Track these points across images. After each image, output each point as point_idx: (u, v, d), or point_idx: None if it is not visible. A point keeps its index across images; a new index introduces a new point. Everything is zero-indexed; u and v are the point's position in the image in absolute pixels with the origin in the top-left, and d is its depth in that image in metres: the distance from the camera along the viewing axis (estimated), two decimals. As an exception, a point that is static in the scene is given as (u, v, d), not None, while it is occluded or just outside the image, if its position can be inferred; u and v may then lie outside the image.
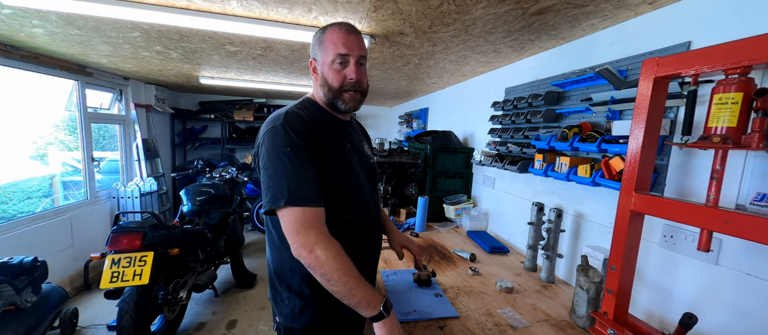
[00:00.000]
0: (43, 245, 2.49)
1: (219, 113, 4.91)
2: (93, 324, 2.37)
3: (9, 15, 1.64)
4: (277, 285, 0.94)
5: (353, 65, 0.88)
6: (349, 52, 0.87)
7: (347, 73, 0.89)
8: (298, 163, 0.79)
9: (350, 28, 0.90)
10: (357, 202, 0.94)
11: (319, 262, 0.74)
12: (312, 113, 0.91)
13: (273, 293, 0.97)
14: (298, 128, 0.82)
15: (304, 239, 0.75)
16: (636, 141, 0.90)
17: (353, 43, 0.88)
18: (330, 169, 0.87)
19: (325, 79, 0.90)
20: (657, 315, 1.13)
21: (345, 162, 0.92)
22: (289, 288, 0.91)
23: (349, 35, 0.88)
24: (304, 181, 0.78)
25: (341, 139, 0.95)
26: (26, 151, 3.43)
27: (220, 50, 2.13)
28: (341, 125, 0.98)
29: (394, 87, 3.26)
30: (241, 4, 1.33)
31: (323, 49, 0.89)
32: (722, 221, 0.70)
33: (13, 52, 2.24)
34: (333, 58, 0.87)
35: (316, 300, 0.90)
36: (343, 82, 0.89)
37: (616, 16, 1.26)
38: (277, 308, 0.95)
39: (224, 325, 2.44)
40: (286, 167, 0.78)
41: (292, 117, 0.84)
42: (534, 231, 1.56)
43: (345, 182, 0.91)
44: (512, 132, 1.87)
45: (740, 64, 0.70)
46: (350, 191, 0.92)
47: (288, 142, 0.80)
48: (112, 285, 1.77)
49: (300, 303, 0.90)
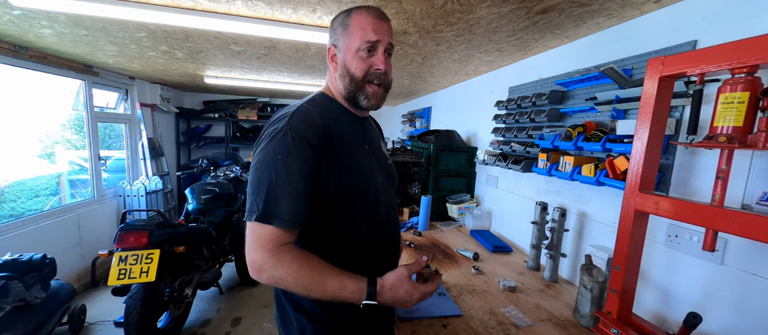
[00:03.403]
0: (51, 243, 2.53)
1: (223, 113, 4.94)
2: (100, 320, 2.40)
3: (18, 16, 1.67)
4: (284, 303, 0.82)
5: (382, 54, 0.79)
6: (379, 38, 0.77)
7: (374, 62, 0.79)
8: (286, 176, 0.69)
9: (380, 13, 0.79)
10: (376, 211, 0.84)
11: (273, 282, 0.69)
12: (327, 111, 0.81)
13: (280, 312, 0.85)
14: (301, 134, 0.72)
15: (254, 259, 0.69)
16: (641, 140, 0.89)
17: (384, 30, 0.78)
18: (347, 176, 0.77)
19: (347, 69, 0.80)
20: (661, 315, 1.13)
21: (364, 167, 0.82)
22: (298, 308, 0.80)
23: (379, 21, 0.78)
24: (284, 197, 0.69)
25: (360, 140, 0.86)
26: (34, 150, 3.47)
27: (224, 50, 2.15)
28: (359, 122, 0.89)
29: (397, 86, 3.26)
30: (246, 4, 1.34)
31: (348, 35, 0.79)
32: (728, 220, 0.70)
33: (22, 53, 2.28)
34: (359, 45, 0.77)
35: (330, 323, 0.79)
36: (368, 72, 0.79)
37: (621, 15, 1.26)
38: (284, 330, 0.84)
39: (229, 322, 2.46)
40: (271, 179, 0.69)
41: (299, 120, 0.74)
42: (537, 231, 1.56)
43: (363, 189, 0.81)
44: (516, 131, 1.87)
45: (747, 64, 0.69)
46: (369, 199, 0.82)
47: (283, 149, 0.70)
48: (120, 282, 1.79)
49: (311, 326, 0.79)
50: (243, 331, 2.38)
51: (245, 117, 4.95)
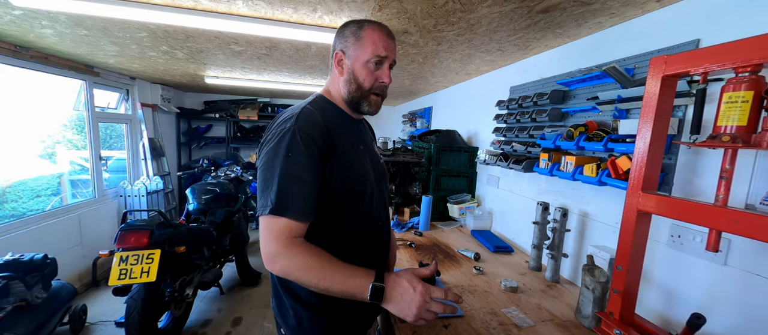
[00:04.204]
0: (52, 243, 2.53)
1: (224, 113, 4.95)
2: (101, 320, 2.40)
3: (19, 16, 1.67)
4: (281, 294, 0.88)
5: (387, 69, 0.88)
6: (388, 54, 0.86)
7: (380, 76, 0.87)
8: (296, 171, 0.75)
9: (390, 32, 0.89)
10: (368, 207, 0.90)
11: (284, 272, 0.73)
12: (328, 113, 0.86)
13: (277, 303, 0.91)
14: (308, 133, 0.77)
15: (269, 249, 0.73)
16: (643, 140, 0.89)
17: (392, 48, 0.87)
18: (344, 174, 0.83)
19: (355, 77, 0.87)
20: (664, 316, 1.12)
21: (359, 166, 0.88)
22: (295, 298, 0.85)
23: (390, 39, 0.87)
24: (296, 192, 0.74)
25: (356, 140, 0.92)
26: (35, 150, 3.48)
27: (225, 50, 2.15)
28: (354, 124, 0.96)
29: (398, 86, 3.26)
30: (247, 4, 1.34)
31: (360, 46, 0.85)
32: (731, 221, 0.70)
33: (23, 53, 2.28)
34: (369, 58, 0.85)
35: (326, 310, 0.85)
36: (374, 84, 0.87)
37: (624, 14, 1.25)
38: (282, 319, 0.89)
39: (229, 322, 2.46)
40: (282, 174, 0.74)
41: (305, 120, 0.78)
42: (539, 231, 1.55)
43: (360, 187, 0.87)
44: (517, 131, 1.86)
45: (751, 63, 0.69)
46: (363, 196, 0.88)
47: (292, 147, 0.75)
48: (121, 282, 1.79)
49: (307, 313, 0.85)
50: (244, 331, 2.38)
51: (246, 117, 4.96)
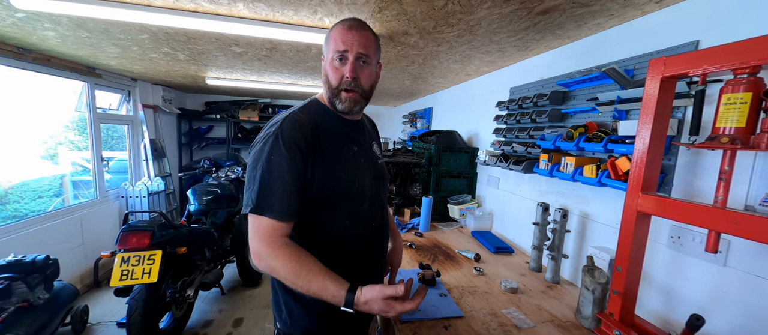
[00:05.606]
0: (54, 244, 2.54)
1: (225, 114, 4.96)
2: (103, 321, 2.41)
3: (22, 18, 1.68)
4: (277, 287, 0.93)
5: (350, 63, 0.84)
6: (347, 48, 0.83)
7: (344, 71, 0.85)
8: (277, 173, 0.78)
9: (353, 24, 0.85)
10: (360, 206, 0.92)
11: (269, 270, 0.78)
12: (315, 116, 0.89)
13: (274, 296, 0.96)
14: (291, 137, 0.80)
15: (254, 247, 0.79)
16: (643, 141, 0.89)
17: (352, 39, 0.83)
18: (332, 173, 0.85)
19: (326, 77, 0.88)
20: (664, 317, 1.12)
21: (350, 166, 0.90)
22: (288, 292, 0.90)
23: (349, 31, 0.84)
24: (275, 192, 0.78)
25: (348, 141, 0.93)
26: (37, 151, 3.49)
27: (226, 51, 2.16)
28: (349, 125, 0.96)
29: (398, 87, 3.26)
30: (248, 6, 1.35)
31: (327, 46, 0.87)
32: (731, 222, 0.70)
33: (25, 55, 2.29)
34: (333, 55, 0.85)
35: (315, 305, 0.88)
36: (341, 81, 0.86)
37: (623, 15, 1.25)
38: (277, 312, 0.94)
39: (230, 323, 2.47)
40: (263, 176, 0.78)
41: (288, 125, 0.82)
42: (539, 231, 1.55)
43: (347, 186, 0.88)
44: (517, 132, 1.86)
45: (749, 64, 0.69)
46: (353, 195, 0.90)
47: (274, 150, 0.79)
48: (122, 283, 1.80)
49: (298, 307, 0.89)
50: (245, 332, 2.39)
51: (247, 118, 4.97)
